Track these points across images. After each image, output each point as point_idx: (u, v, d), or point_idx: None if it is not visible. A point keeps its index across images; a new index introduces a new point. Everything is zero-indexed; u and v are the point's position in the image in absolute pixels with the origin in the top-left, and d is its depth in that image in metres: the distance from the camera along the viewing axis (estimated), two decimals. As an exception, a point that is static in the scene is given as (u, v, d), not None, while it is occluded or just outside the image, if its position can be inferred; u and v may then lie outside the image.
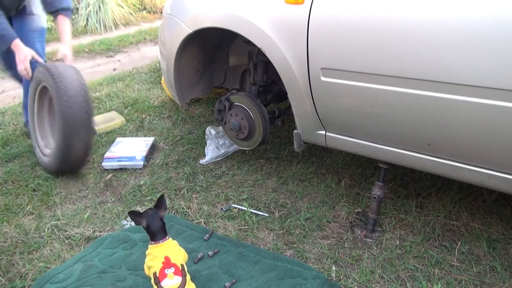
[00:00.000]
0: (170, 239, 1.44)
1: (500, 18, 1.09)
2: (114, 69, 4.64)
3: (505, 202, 1.92)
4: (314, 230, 1.81)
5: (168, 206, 2.01)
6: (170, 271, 1.28)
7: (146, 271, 1.38)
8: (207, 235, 1.76)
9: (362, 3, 1.34)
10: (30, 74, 2.25)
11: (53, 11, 2.34)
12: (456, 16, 1.16)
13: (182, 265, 1.34)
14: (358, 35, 1.35)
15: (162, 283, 1.26)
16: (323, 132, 1.69)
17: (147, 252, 1.41)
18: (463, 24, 1.15)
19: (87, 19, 6.05)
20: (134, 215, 1.43)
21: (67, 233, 1.84)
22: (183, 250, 1.44)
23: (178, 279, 1.28)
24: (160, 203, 1.48)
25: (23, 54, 2.21)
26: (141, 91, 3.63)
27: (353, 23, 1.36)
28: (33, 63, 2.26)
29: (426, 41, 1.22)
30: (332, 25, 1.41)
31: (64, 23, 2.36)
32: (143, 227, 1.42)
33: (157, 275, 1.29)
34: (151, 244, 1.41)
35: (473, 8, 1.14)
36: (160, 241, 1.40)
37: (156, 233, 1.41)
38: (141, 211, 1.46)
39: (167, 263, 1.30)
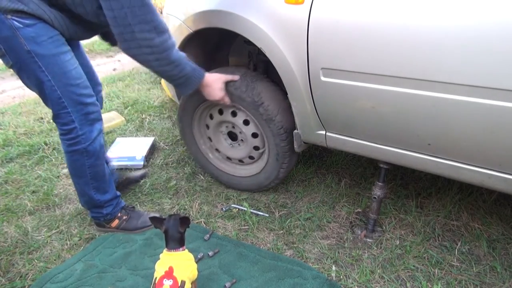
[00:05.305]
0: (186, 251, 1.42)
1: (500, 19, 1.10)
2: (114, 69, 4.64)
3: (505, 202, 1.92)
4: (314, 230, 1.81)
5: (168, 206, 2.01)
6: (167, 283, 1.26)
7: (155, 273, 1.38)
8: (207, 235, 1.77)
9: (362, 3, 1.34)
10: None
11: None
12: (456, 16, 1.16)
13: (183, 282, 1.29)
14: (358, 35, 1.35)
15: None
16: (323, 132, 1.69)
17: (160, 255, 1.41)
18: (463, 24, 1.16)
19: (87, 19, 6.04)
20: (155, 220, 1.43)
21: (67, 233, 1.84)
22: (194, 267, 1.40)
23: None
24: (184, 221, 1.43)
25: (219, 92, 1.72)
26: (141, 91, 3.64)
27: (353, 23, 1.36)
28: None
29: (426, 40, 1.22)
30: (332, 25, 1.41)
31: None
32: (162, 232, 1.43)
33: (156, 281, 1.29)
34: (165, 250, 1.41)
35: (473, 8, 1.14)
36: (173, 250, 1.39)
37: (170, 242, 1.41)
38: (163, 217, 1.44)
39: (169, 274, 1.29)
